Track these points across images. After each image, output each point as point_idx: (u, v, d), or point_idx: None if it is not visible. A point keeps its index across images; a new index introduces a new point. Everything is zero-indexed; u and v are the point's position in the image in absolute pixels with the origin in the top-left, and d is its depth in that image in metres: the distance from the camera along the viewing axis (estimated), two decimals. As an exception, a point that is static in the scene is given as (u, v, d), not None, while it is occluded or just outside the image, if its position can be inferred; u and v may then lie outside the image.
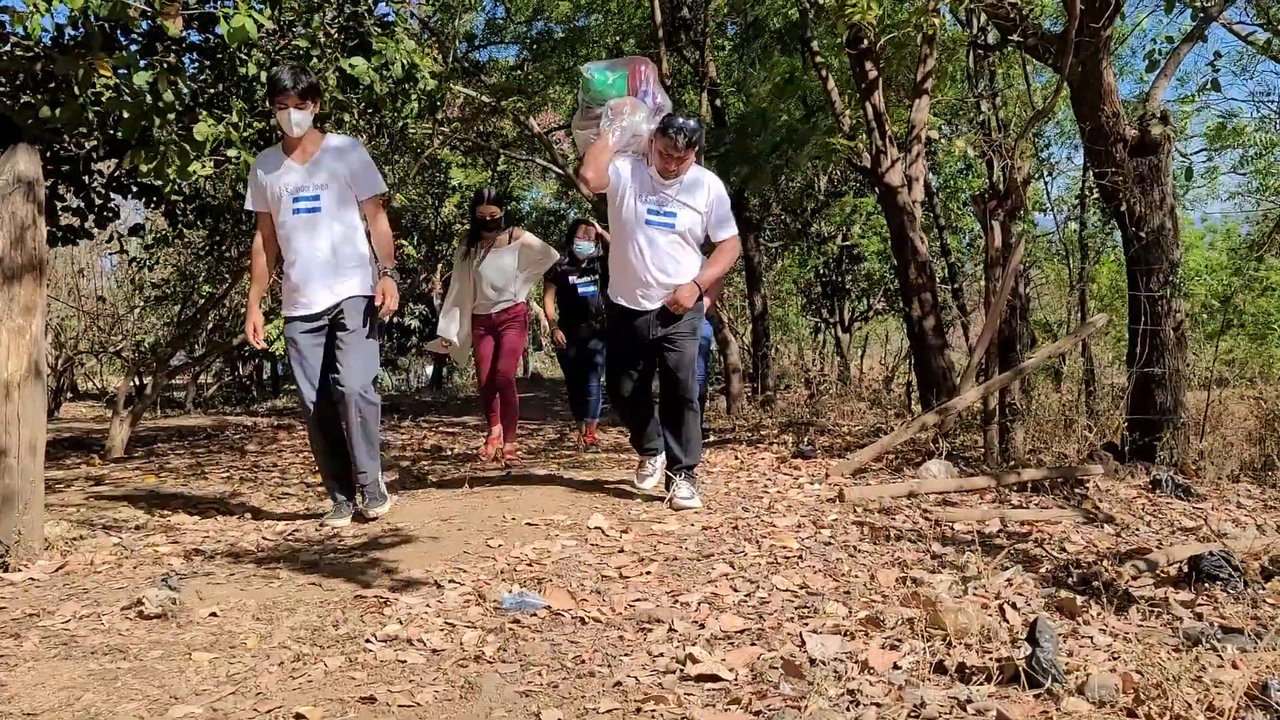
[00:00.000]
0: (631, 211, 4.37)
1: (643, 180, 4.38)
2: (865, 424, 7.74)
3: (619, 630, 2.89)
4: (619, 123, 4.31)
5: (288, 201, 4.19)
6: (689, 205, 4.38)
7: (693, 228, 4.42)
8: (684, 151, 4.25)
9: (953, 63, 10.06)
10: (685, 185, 4.39)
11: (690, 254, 4.47)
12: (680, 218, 4.38)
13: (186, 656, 2.67)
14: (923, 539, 3.87)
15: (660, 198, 4.37)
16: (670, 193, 4.37)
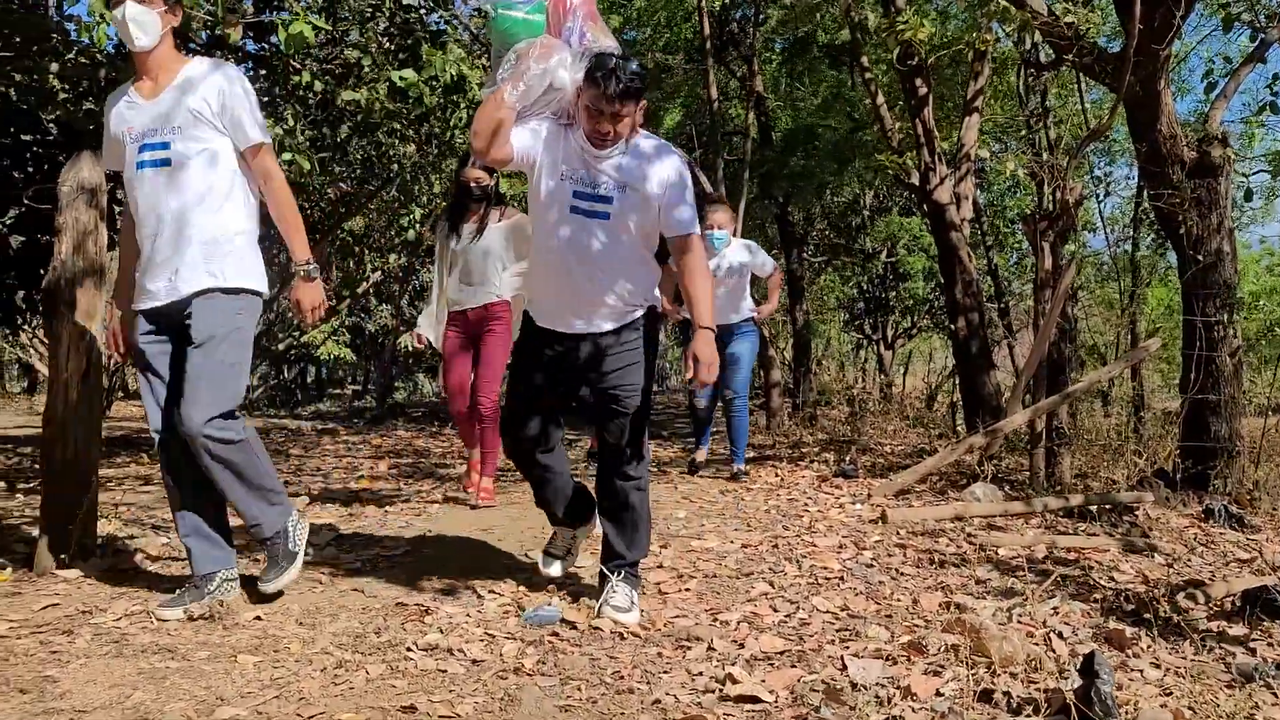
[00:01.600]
0: (552, 194, 3.09)
1: (568, 151, 3.09)
2: (908, 444, 7.66)
3: (658, 647, 2.88)
4: (524, 71, 3.00)
5: (131, 152, 3.07)
6: (631, 186, 3.08)
7: (638, 218, 3.10)
8: (619, 105, 2.97)
9: (1004, 80, 9.96)
10: (628, 158, 3.10)
11: (636, 258, 3.17)
12: (619, 203, 3.08)
13: (232, 659, 2.70)
14: (967, 563, 3.82)
15: (591, 175, 3.08)
16: (605, 168, 3.07)
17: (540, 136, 3.12)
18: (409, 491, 5.75)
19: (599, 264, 3.10)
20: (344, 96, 6.36)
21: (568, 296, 3.14)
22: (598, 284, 3.11)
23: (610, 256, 3.11)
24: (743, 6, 11.72)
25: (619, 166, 3.10)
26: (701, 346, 3.06)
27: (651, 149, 3.16)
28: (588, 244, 3.09)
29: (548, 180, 3.11)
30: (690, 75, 11.73)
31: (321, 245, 9.21)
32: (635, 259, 3.17)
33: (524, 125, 3.10)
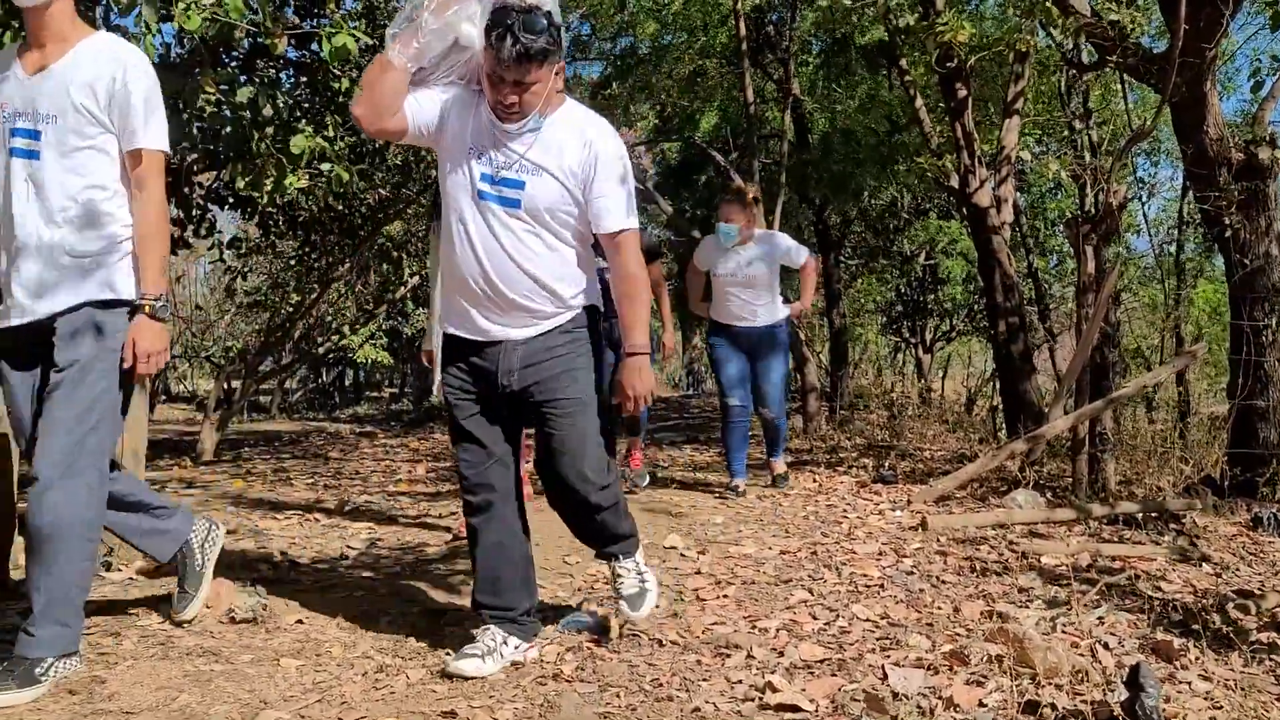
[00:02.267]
0: (457, 177, 2.63)
1: (478, 126, 2.61)
2: (947, 449, 7.59)
3: (696, 654, 2.87)
4: (418, 25, 2.50)
5: (4, 132, 2.55)
6: (545, 168, 2.60)
7: (553, 206, 2.63)
8: (519, 71, 2.47)
9: (1046, 82, 9.84)
10: (545, 134, 2.60)
11: (561, 253, 2.68)
12: (532, 189, 2.60)
13: (275, 662, 2.74)
14: (1009, 571, 3.77)
15: (500, 155, 2.59)
16: (516, 147, 2.58)
17: (444, 106, 2.61)
18: (447, 495, 5.78)
19: (512, 260, 2.62)
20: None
21: (478, 298, 2.66)
22: (511, 283, 2.63)
23: (525, 251, 2.63)
24: (779, 9, 11.68)
25: (533, 144, 2.60)
26: (628, 374, 2.72)
27: (575, 123, 2.65)
28: (498, 237, 2.62)
29: (453, 160, 2.64)
30: (726, 79, 11.70)
31: (361, 251, 9.32)
32: (559, 254, 2.68)
33: (426, 92, 2.60)
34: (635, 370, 2.73)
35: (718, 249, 5.47)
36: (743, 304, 5.45)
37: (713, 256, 5.52)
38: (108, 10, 5.28)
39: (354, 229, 8.11)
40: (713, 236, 5.53)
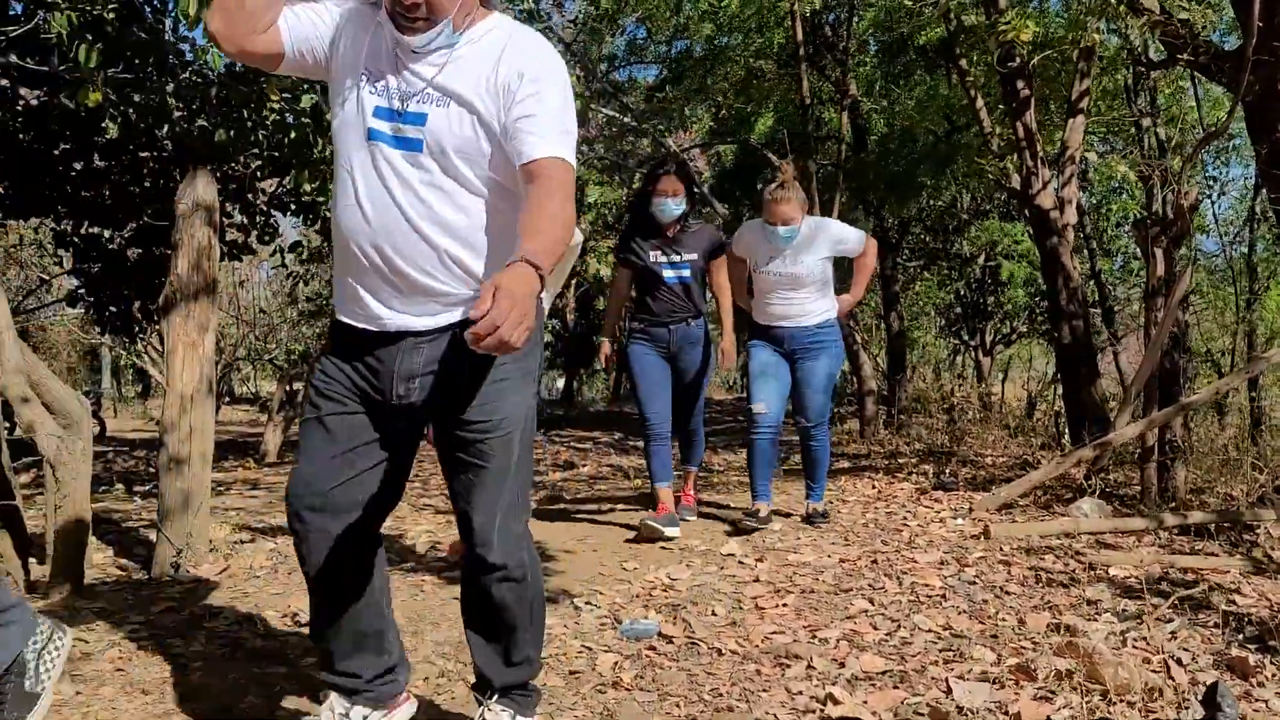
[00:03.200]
0: (346, 110, 1.99)
1: (376, 45, 1.98)
2: (1009, 455, 7.46)
3: (756, 664, 2.85)
4: None
5: None
6: (458, 96, 1.93)
7: (466, 149, 1.94)
8: None
9: (1111, 79, 9.63)
10: (460, 53, 1.95)
11: (480, 213, 1.98)
12: (437, 124, 1.93)
13: (338, 666, 2.77)
14: (1076, 583, 3.69)
15: (403, 83, 1.95)
16: (421, 69, 1.94)
17: (336, 24, 2.01)
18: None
19: (409, 222, 1.94)
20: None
21: (367, 273, 1.98)
22: (408, 254, 1.94)
23: (427, 211, 1.94)
24: (836, 9, 11.59)
25: (444, 67, 1.93)
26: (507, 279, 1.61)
27: (501, 38, 1.97)
28: (391, 190, 1.94)
29: (343, 91, 2.00)
30: (782, 80, 11.64)
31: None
32: (476, 217, 1.97)
33: (312, 6, 2.02)
34: (520, 278, 1.64)
35: (763, 241, 4.66)
36: (788, 303, 4.70)
37: (756, 248, 4.71)
38: (176, 23, 5.42)
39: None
40: (756, 223, 4.75)
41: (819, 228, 4.73)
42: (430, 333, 2.00)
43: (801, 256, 4.65)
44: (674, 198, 4.53)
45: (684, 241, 4.65)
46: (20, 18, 5.28)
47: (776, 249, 4.64)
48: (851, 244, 4.77)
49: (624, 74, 13.76)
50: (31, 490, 5.06)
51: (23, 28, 4.76)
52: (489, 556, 2.03)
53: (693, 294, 4.69)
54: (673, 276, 4.66)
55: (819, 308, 4.74)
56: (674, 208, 4.55)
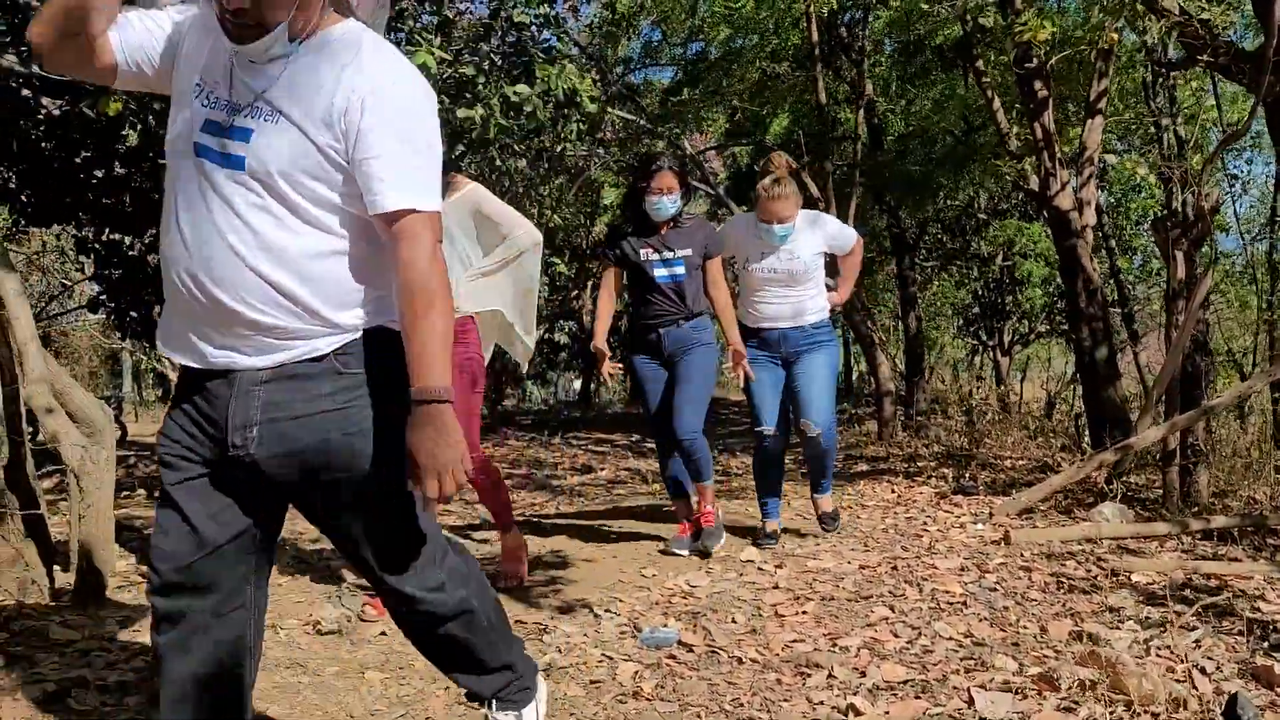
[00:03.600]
0: (177, 123, 1.79)
1: (215, 54, 1.78)
2: (1029, 457, 7.41)
3: (776, 673, 2.85)
4: None
5: None
6: (286, 114, 1.73)
7: (293, 171, 1.72)
8: None
9: (1129, 79, 9.56)
10: (301, 64, 1.75)
11: (308, 240, 1.75)
12: (261, 140, 1.72)
13: (360, 675, 2.79)
14: (1098, 590, 3.66)
15: (234, 94, 1.75)
16: (255, 81, 1.75)
17: (173, 30, 1.81)
18: (524, 503, 5.84)
19: (231, 248, 1.71)
20: (459, 115, 6.51)
21: (185, 303, 1.75)
22: (229, 284, 1.71)
23: (250, 236, 1.71)
24: (851, 10, 11.55)
25: (279, 79, 1.73)
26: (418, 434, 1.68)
27: (346, 49, 1.75)
28: (213, 212, 1.71)
29: (179, 101, 1.79)
30: (798, 81, 11.62)
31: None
32: (309, 244, 1.73)
33: (152, 14, 1.82)
34: (430, 427, 1.67)
35: (753, 238, 4.34)
36: (782, 301, 4.37)
37: (745, 245, 4.38)
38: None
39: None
40: (745, 218, 4.50)
41: (814, 222, 4.42)
42: (266, 371, 1.75)
43: (798, 251, 4.31)
44: (669, 195, 4.12)
45: (677, 238, 4.20)
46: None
47: (770, 246, 4.30)
48: (846, 241, 4.50)
49: (639, 76, 13.76)
50: (54, 496, 5.10)
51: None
52: (411, 588, 1.89)
53: (686, 294, 4.21)
54: (665, 275, 4.20)
55: (816, 305, 4.42)
56: (669, 206, 4.14)
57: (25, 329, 3.24)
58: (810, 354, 4.39)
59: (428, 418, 1.67)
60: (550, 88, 6.59)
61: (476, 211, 3.50)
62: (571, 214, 17.20)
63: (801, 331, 4.39)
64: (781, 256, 4.32)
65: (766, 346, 4.43)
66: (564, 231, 17.26)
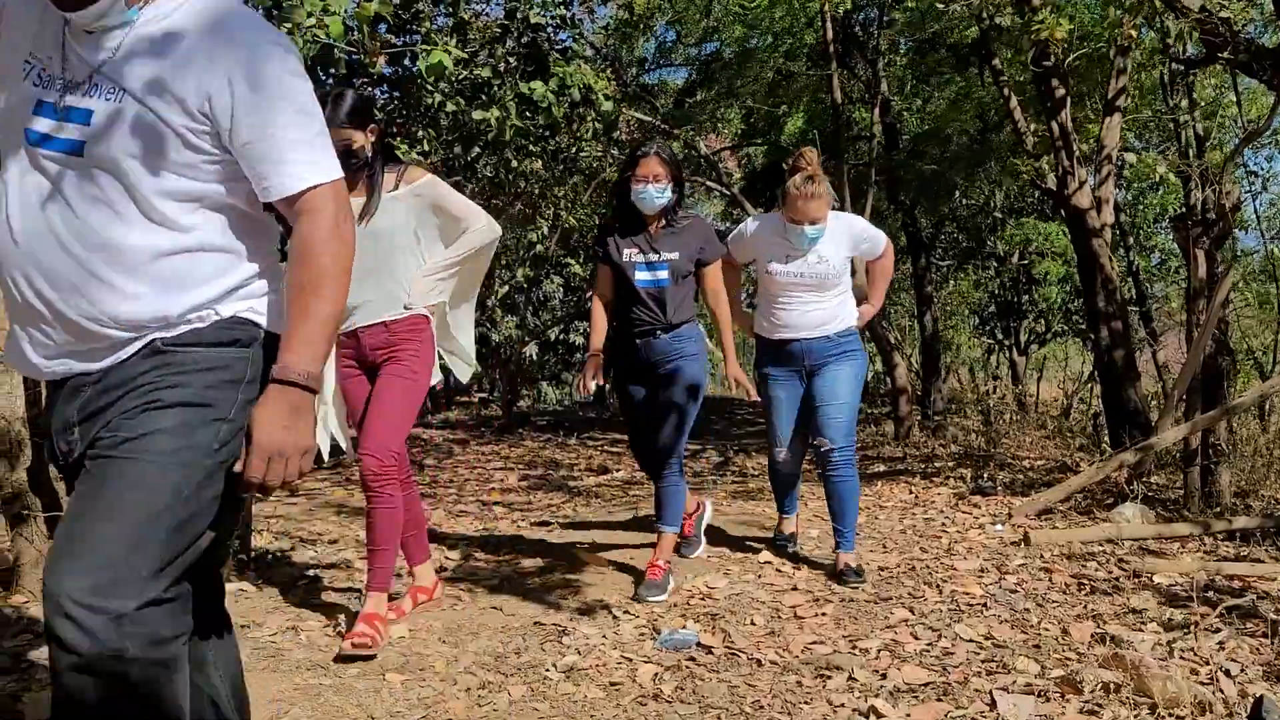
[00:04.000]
0: (7, 109, 1.60)
1: (45, 29, 1.58)
2: (1047, 457, 7.37)
3: (796, 675, 2.84)
4: None
5: None
6: (131, 90, 1.52)
7: (143, 155, 1.52)
8: None
9: (1147, 76, 9.50)
10: (143, 33, 1.54)
11: (153, 231, 1.55)
12: (101, 118, 1.52)
13: (381, 676, 2.79)
14: (1120, 591, 3.64)
15: (69, 70, 1.55)
16: (91, 54, 1.54)
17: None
18: (540, 505, 5.84)
19: (62, 242, 1.52)
20: (474, 116, 6.52)
21: (16, 304, 1.58)
22: (63, 281, 1.53)
23: (90, 229, 1.52)
24: (866, 9, 11.52)
25: (117, 51, 1.53)
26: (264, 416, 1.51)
27: (200, 17, 1.56)
28: (44, 201, 1.53)
29: (6, 81, 1.60)
30: (813, 80, 11.59)
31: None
32: (161, 239, 1.55)
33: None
34: (279, 406, 1.51)
35: (780, 239, 3.90)
36: (808, 309, 3.95)
37: (770, 247, 3.94)
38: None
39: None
40: (771, 219, 3.99)
41: (845, 223, 4.00)
42: (96, 375, 1.56)
43: (827, 254, 3.89)
44: (655, 184, 3.63)
45: (666, 239, 3.73)
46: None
47: (798, 249, 3.88)
48: (876, 244, 4.05)
49: (654, 77, 13.75)
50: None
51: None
52: (62, 631, 1.39)
53: (667, 303, 3.72)
54: (646, 280, 3.72)
55: (843, 312, 3.99)
56: (655, 195, 3.65)
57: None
58: (835, 365, 3.94)
59: (281, 396, 1.51)
60: (566, 84, 6.59)
61: (436, 206, 3.27)
62: (586, 214, 17.23)
63: (827, 341, 3.95)
64: (810, 260, 3.89)
65: (788, 360, 4.01)
66: (579, 232, 17.30)
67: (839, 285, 3.99)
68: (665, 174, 3.67)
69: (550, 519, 5.29)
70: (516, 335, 14.34)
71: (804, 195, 3.76)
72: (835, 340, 3.96)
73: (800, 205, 3.79)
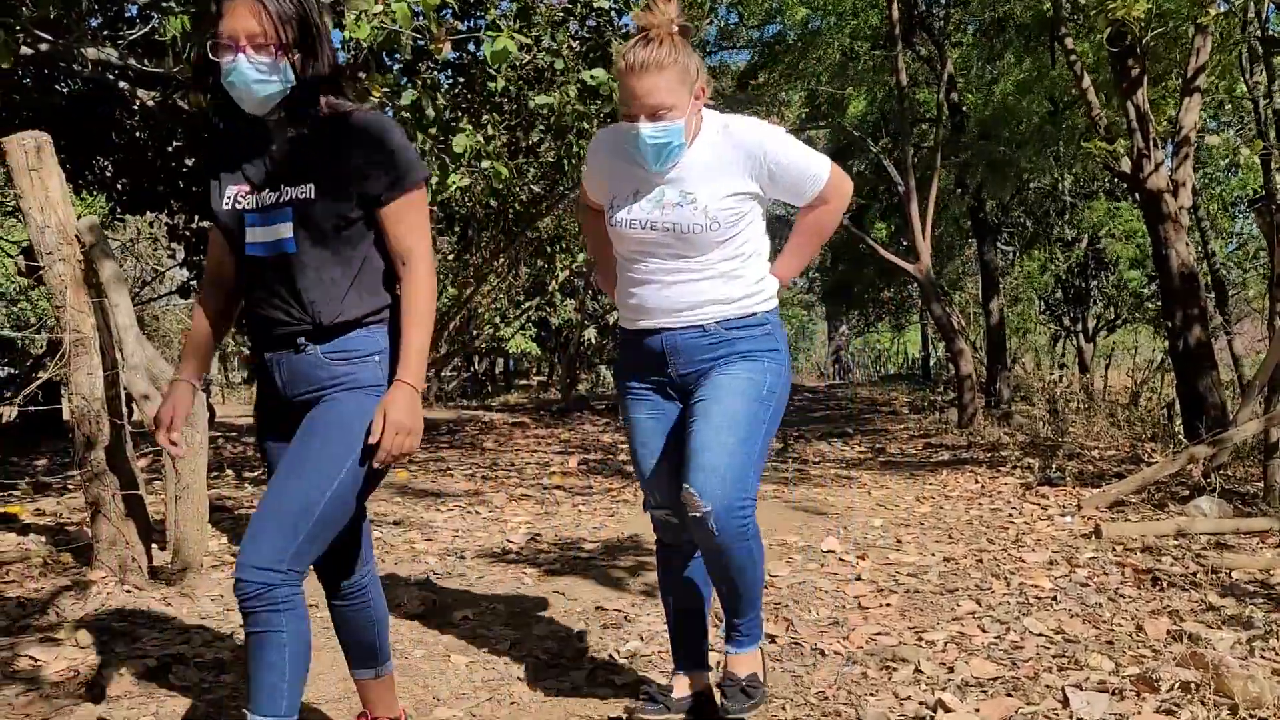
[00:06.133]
0: None
1: None
2: (1117, 447, 7.20)
3: (862, 666, 2.81)
4: None
5: None
6: None
7: None
8: None
9: (1228, 54, 9.17)
10: None
11: None
12: None
13: (446, 658, 2.82)
14: (1196, 586, 3.54)
15: None
16: None
17: None
18: (600, 489, 5.86)
19: None
20: (536, 101, 6.53)
21: None
22: None
23: None
24: (933, -12, 11.32)
25: None
26: None
27: None
28: None
29: None
30: (877, 61, 11.42)
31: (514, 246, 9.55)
32: None
33: None
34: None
35: (621, 161, 2.26)
36: (667, 284, 2.26)
37: (614, 177, 2.29)
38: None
39: (508, 225, 8.29)
40: (612, 130, 2.34)
41: (741, 138, 2.21)
42: None
43: (695, 190, 2.19)
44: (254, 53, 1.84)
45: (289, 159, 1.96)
46: (136, 20, 5.49)
47: (645, 175, 2.21)
48: (801, 177, 2.22)
49: (715, 60, 13.65)
50: (149, 475, 5.27)
51: (139, 31, 4.94)
52: None
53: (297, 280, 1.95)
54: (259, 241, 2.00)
55: (736, 291, 2.25)
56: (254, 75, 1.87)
57: (125, 316, 3.34)
58: (719, 374, 2.25)
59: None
60: (627, 70, 6.55)
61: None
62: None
63: (703, 334, 2.25)
64: (667, 198, 2.20)
65: (649, 365, 2.32)
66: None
67: (727, 246, 2.22)
68: (269, 31, 1.84)
69: (610, 504, 5.30)
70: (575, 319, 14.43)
71: (632, 69, 2.10)
72: (720, 335, 2.24)
73: (631, 85, 2.10)
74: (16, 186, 3.28)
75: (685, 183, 2.21)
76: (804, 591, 3.52)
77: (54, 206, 3.26)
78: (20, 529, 4.04)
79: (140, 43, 4.92)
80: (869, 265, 16.06)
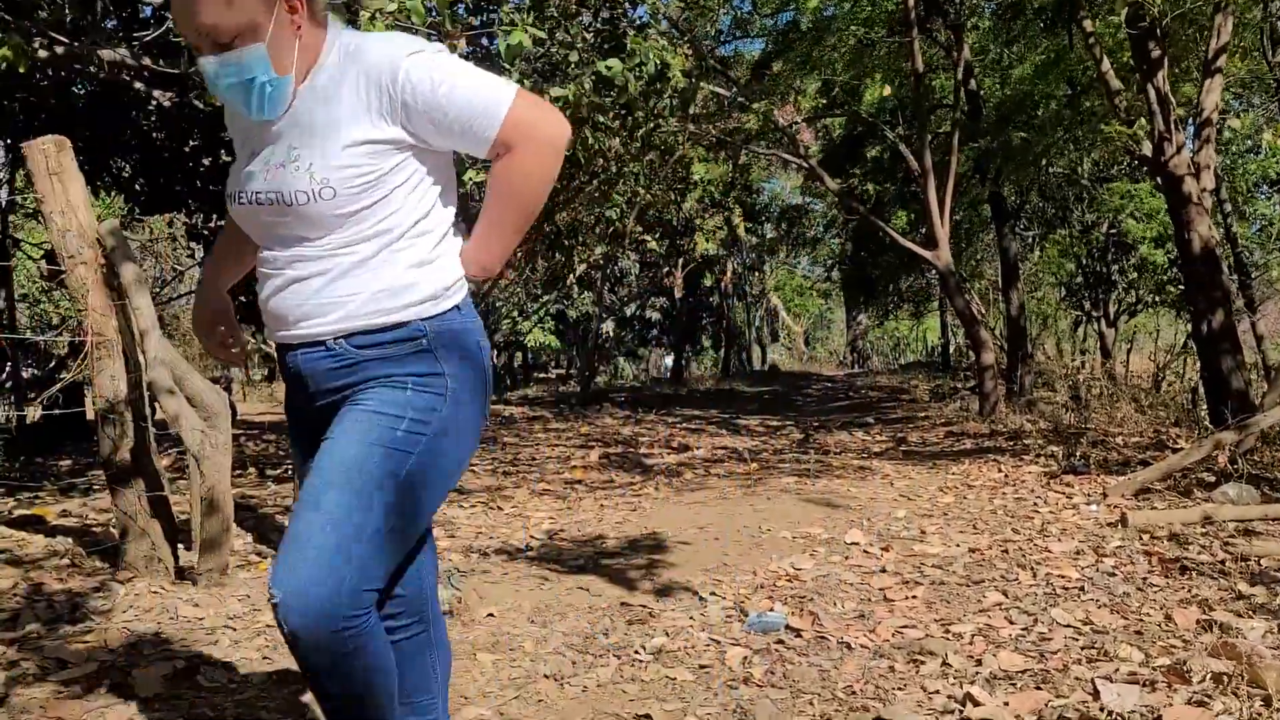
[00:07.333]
0: None
1: None
2: (1141, 433, 7.13)
3: (888, 660, 2.79)
4: None
5: None
6: None
7: None
8: None
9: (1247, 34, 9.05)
10: None
11: None
12: None
13: (472, 656, 2.82)
14: (1225, 575, 3.50)
15: None
16: None
17: None
18: (621, 483, 5.85)
19: None
20: (551, 94, 6.51)
21: None
22: None
23: None
24: (948, -28, 11.20)
25: None
26: None
27: None
28: None
29: None
30: (892, 47, 11.32)
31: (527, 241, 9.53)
32: None
33: None
34: None
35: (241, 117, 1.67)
36: (286, 283, 1.65)
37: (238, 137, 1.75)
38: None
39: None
40: None
41: (364, 56, 1.59)
42: None
43: (303, 142, 1.61)
44: None
45: None
46: (151, 22, 5.51)
47: (256, 128, 1.66)
48: (469, 117, 1.58)
49: (729, 49, 13.58)
50: (172, 475, 5.30)
51: (154, 32, 4.95)
52: None
53: None
54: None
55: (363, 288, 1.62)
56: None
57: (146, 316, 3.35)
58: (348, 405, 1.66)
59: None
60: (641, 60, 6.54)
61: None
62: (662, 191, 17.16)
63: (326, 355, 1.67)
64: (274, 158, 1.63)
65: (294, 393, 1.78)
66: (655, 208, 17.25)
67: (358, 223, 1.62)
68: None
69: (631, 498, 5.30)
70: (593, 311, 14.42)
71: None
72: (347, 354, 1.65)
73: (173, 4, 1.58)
74: (38, 190, 3.30)
75: (294, 134, 1.62)
76: (829, 584, 3.51)
77: (75, 210, 3.28)
78: (47, 530, 4.07)
79: (155, 44, 4.93)
80: (888, 254, 15.98)
